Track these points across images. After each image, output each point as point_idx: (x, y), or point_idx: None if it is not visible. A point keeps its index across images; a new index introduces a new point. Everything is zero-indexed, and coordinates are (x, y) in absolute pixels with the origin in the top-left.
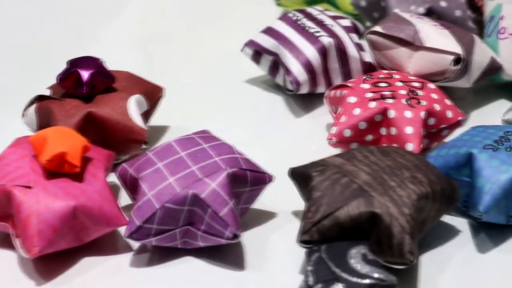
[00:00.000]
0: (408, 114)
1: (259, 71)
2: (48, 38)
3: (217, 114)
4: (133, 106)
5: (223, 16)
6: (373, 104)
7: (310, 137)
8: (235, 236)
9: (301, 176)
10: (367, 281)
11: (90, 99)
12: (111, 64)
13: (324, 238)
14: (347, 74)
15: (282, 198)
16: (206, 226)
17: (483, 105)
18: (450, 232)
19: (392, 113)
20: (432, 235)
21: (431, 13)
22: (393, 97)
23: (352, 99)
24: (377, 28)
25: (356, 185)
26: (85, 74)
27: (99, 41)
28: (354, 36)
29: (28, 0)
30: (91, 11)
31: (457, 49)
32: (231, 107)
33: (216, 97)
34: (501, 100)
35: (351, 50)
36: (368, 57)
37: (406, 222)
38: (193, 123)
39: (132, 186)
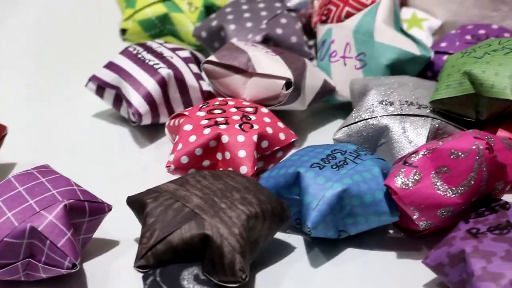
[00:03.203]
0: (241, 138)
1: (106, 104)
2: None
3: (64, 148)
4: None
5: (71, 51)
6: (207, 131)
7: (155, 166)
8: (74, 266)
9: (137, 204)
10: None
11: None
12: None
13: (159, 262)
14: (187, 103)
15: (125, 226)
16: (46, 258)
17: (320, 126)
18: (286, 249)
19: (225, 138)
20: (269, 252)
21: (268, 40)
22: (226, 123)
23: (188, 127)
24: (212, 58)
25: (188, 209)
26: None
27: None
28: (193, 66)
29: None
30: None
31: (288, 74)
32: (79, 140)
33: (63, 131)
34: (337, 120)
35: (190, 80)
36: (207, 85)
37: (236, 242)
38: (40, 159)
39: None
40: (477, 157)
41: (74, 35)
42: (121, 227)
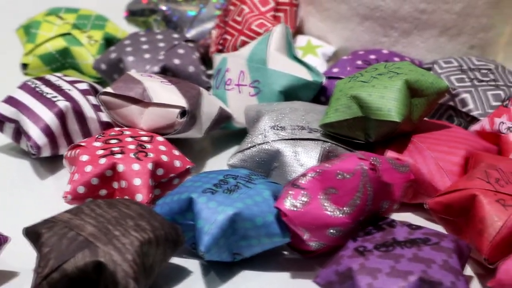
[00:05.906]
0: (136, 166)
1: (6, 138)
2: None
3: None
4: None
5: None
6: (103, 161)
7: (55, 197)
8: None
9: (33, 234)
10: None
11: None
12: None
13: None
14: (87, 134)
15: (24, 257)
16: None
17: (219, 152)
18: (182, 273)
19: (121, 167)
20: (165, 277)
21: (166, 71)
22: (122, 152)
23: (84, 158)
24: (108, 89)
25: (82, 238)
26: None
27: None
28: (92, 98)
29: None
30: None
31: (182, 102)
32: None
33: None
34: (235, 147)
35: (88, 112)
36: (106, 116)
37: (130, 268)
38: None
39: None
40: (362, 177)
41: None
42: (20, 258)
